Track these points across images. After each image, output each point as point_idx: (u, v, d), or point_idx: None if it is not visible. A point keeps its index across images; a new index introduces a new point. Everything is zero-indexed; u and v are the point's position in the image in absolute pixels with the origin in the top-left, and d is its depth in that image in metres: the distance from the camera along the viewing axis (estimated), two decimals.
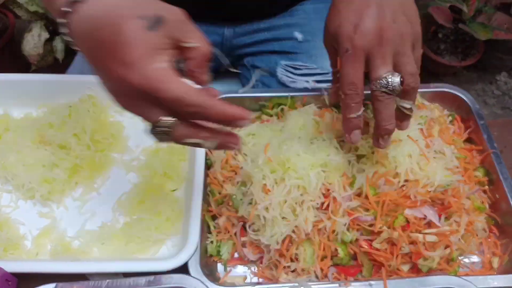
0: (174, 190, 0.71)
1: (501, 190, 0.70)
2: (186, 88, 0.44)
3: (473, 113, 0.78)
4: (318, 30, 0.96)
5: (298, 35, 0.95)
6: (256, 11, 0.95)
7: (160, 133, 0.47)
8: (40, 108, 0.78)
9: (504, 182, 0.70)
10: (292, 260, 0.63)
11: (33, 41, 1.32)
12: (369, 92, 0.80)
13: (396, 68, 0.57)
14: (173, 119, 0.46)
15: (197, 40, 0.47)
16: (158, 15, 0.45)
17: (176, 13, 0.47)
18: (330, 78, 0.90)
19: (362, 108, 0.58)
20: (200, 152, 0.69)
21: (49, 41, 1.37)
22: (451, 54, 1.86)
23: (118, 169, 0.75)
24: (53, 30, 1.41)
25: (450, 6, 1.65)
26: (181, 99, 0.44)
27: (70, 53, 1.24)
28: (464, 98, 0.80)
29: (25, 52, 1.33)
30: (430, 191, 0.64)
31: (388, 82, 0.55)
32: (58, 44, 1.38)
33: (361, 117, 0.58)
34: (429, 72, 1.91)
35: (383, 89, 0.56)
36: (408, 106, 0.60)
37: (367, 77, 0.58)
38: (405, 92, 0.58)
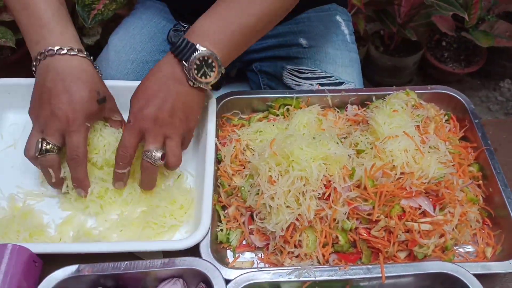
0: (179, 176, 0.78)
1: (494, 184, 0.74)
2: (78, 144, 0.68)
3: (468, 113, 0.83)
4: (321, 36, 1.02)
5: (303, 41, 1.00)
6: None
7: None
8: None
9: (497, 176, 0.74)
10: (295, 246, 0.68)
11: None
12: (369, 93, 0.85)
13: (165, 148, 0.71)
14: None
15: (118, 116, 0.79)
16: (105, 95, 0.73)
17: (112, 98, 0.77)
18: (334, 81, 0.95)
19: (128, 168, 0.72)
20: (210, 147, 0.75)
21: None
22: (455, 61, 1.90)
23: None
24: None
25: (453, 15, 1.69)
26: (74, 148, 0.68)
27: None
28: (460, 98, 0.84)
29: None
30: (424, 183, 0.69)
31: (152, 155, 0.69)
32: None
33: (126, 173, 0.72)
34: (434, 79, 1.95)
35: (148, 160, 0.69)
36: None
37: None
38: (168, 166, 0.72)
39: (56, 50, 0.69)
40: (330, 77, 0.96)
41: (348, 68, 1.00)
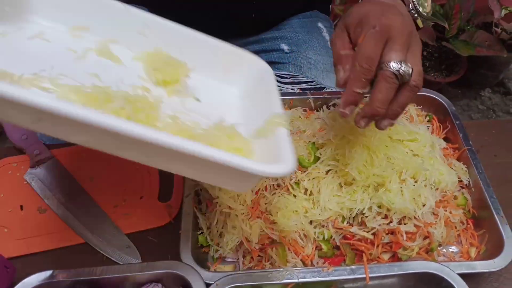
0: None
1: (476, 184, 0.74)
2: None
3: (450, 114, 0.83)
4: (303, 42, 1.02)
5: (285, 47, 1.01)
6: (249, 27, 1.01)
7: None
8: None
9: (479, 176, 0.74)
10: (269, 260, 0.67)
11: None
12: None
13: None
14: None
15: None
16: None
17: None
18: (315, 86, 0.95)
19: (368, 87, 0.59)
20: None
21: None
22: (436, 70, 1.93)
23: None
24: None
25: (434, 25, 1.72)
26: None
27: None
28: (441, 100, 0.84)
29: None
30: None
31: (401, 67, 0.57)
32: None
33: (362, 95, 0.59)
34: None
35: (395, 72, 0.57)
36: None
37: None
38: (412, 87, 0.60)
39: None
40: (312, 82, 0.96)
41: (330, 74, 1.00)
